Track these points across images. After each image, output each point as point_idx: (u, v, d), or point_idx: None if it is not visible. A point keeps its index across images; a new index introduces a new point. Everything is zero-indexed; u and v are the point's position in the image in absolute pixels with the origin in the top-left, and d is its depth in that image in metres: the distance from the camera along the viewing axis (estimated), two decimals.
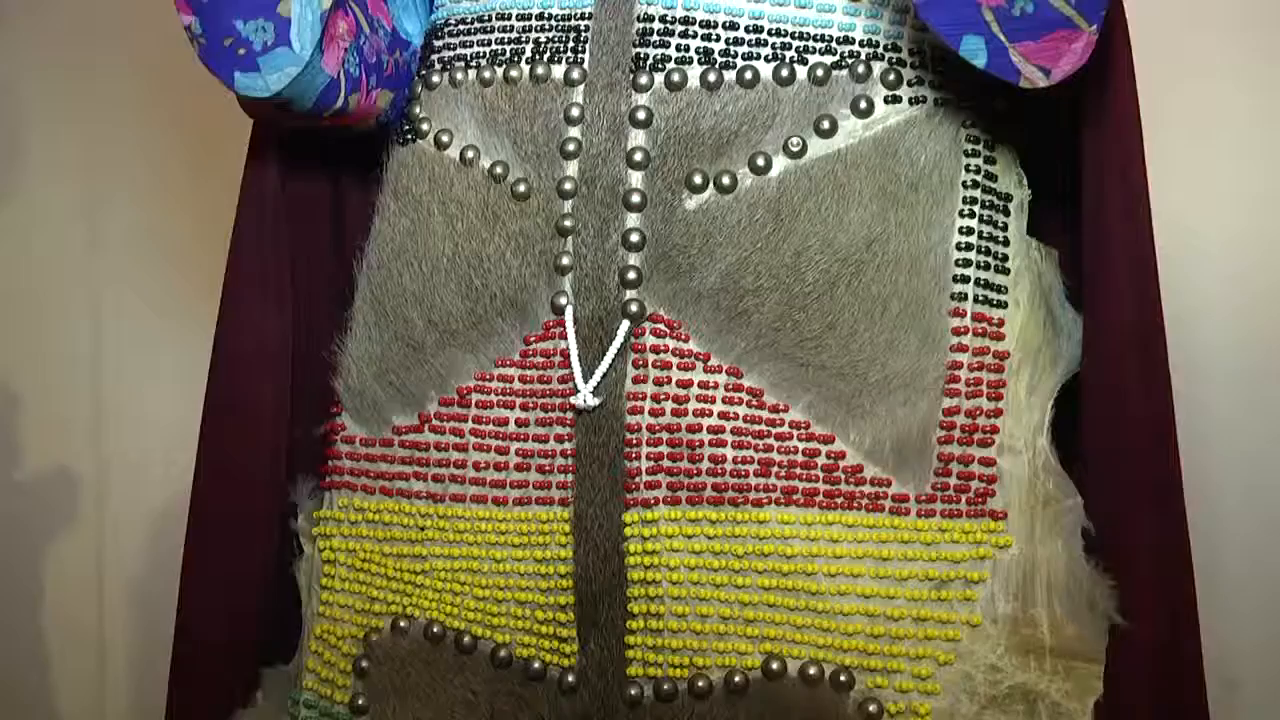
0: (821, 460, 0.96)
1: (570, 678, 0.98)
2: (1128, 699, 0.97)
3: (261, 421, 1.09)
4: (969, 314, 0.97)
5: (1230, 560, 1.54)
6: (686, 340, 0.96)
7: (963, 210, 0.98)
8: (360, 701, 1.04)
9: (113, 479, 1.86)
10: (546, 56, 1.00)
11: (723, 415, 0.96)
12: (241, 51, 0.95)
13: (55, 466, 1.88)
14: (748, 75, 0.96)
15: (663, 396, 0.96)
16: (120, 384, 1.86)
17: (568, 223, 0.97)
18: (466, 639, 1.01)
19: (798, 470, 0.96)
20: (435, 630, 1.02)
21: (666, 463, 0.96)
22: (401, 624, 1.03)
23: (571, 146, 0.98)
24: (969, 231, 0.98)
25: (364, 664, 1.04)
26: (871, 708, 0.94)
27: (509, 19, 1.02)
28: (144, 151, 1.83)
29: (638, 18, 0.98)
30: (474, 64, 1.03)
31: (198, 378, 1.12)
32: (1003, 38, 0.88)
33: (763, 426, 0.96)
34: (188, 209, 1.78)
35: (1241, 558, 1.55)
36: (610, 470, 0.97)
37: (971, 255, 0.98)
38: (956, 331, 0.97)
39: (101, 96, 1.84)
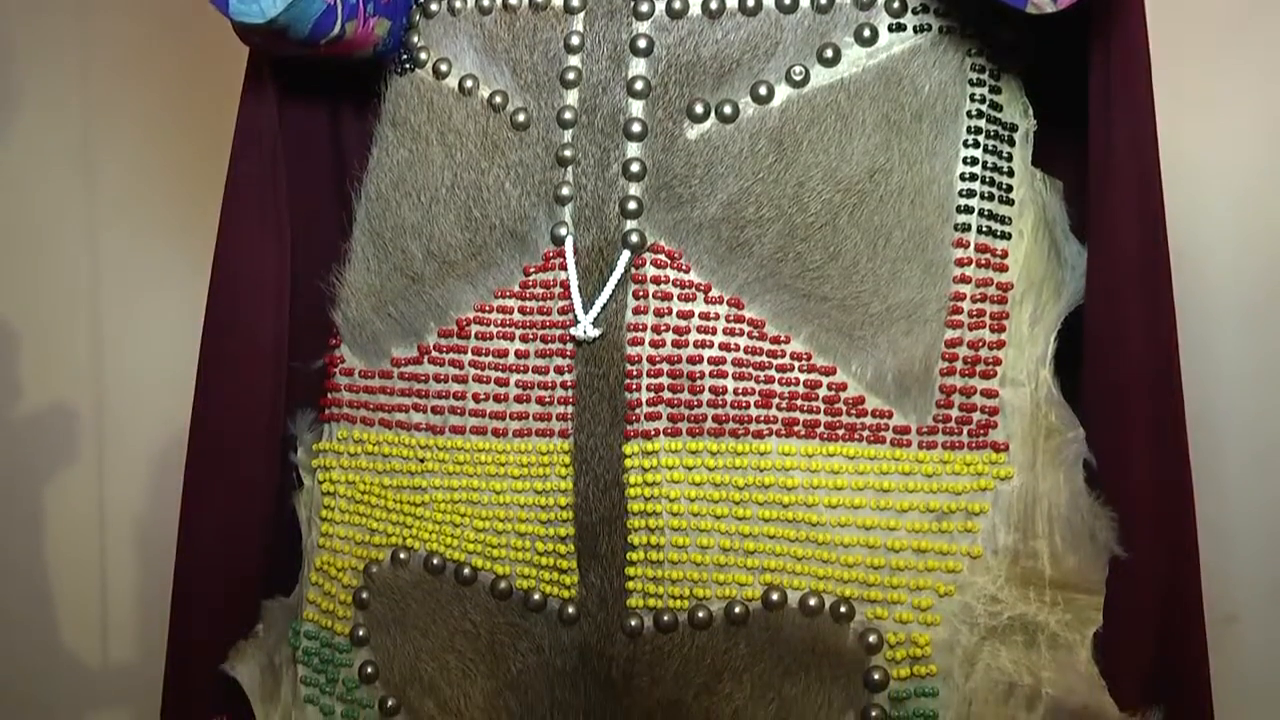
0: (823, 392, 0.95)
1: (570, 609, 0.99)
2: (1127, 631, 0.97)
3: (260, 353, 1.08)
4: (972, 245, 0.96)
5: (1231, 495, 1.55)
6: (687, 271, 0.95)
7: (967, 140, 0.97)
8: (361, 633, 1.05)
9: (112, 415, 1.87)
10: None
11: (724, 346, 0.95)
12: None
13: (54, 404, 1.88)
14: (750, 3, 0.95)
15: (663, 327, 0.95)
16: (119, 321, 1.86)
17: (568, 152, 0.96)
18: (466, 570, 1.01)
19: (799, 402, 0.95)
20: (435, 562, 1.02)
21: (667, 394, 0.96)
22: (401, 555, 1.03)
23: (571, 75, 0.96)
24: (973, 161, 0.97)
25: (364, 595, 1.05)
26: (871, 638, 0.94)
27: None
28: (139, 87, 1.81)
29: None
30: None
31: (196, 314, 1.11)
32: None
33: (764, 358, 0.95)
34: (184, 144, 1.77)
35: (1242, 492, 1.56)
36: (610, 401, 0.96)
37: (975, 185, 0.97)
38: (959, 262, 0.96)
39: (96, 32, 1.82)
